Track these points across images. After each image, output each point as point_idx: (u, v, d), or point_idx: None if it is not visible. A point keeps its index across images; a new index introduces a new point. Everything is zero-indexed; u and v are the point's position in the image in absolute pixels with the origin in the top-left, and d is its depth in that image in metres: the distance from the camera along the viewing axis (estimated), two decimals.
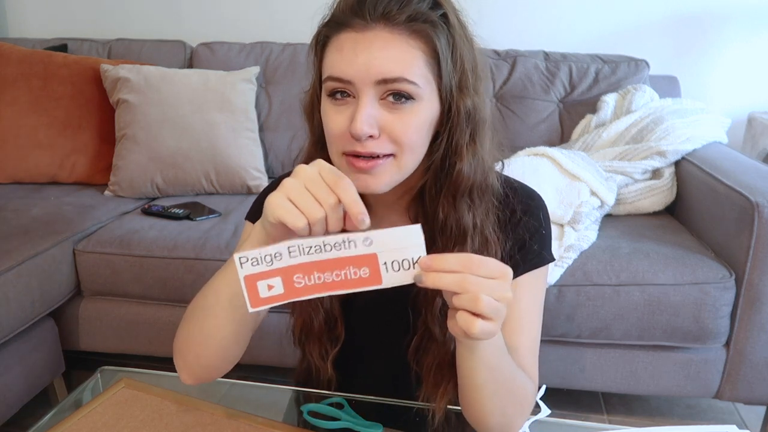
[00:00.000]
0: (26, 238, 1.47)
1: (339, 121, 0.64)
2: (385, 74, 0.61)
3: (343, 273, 0.54)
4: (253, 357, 1.57)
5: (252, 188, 1.85)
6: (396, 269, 0.54)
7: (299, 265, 0.54)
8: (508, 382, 0.67)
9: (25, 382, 1.46)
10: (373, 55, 0.61)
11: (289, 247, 0.53)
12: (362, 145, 0.63)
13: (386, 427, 0.77)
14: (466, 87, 0.66)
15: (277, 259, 0.54)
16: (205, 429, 0.75)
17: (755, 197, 1.30)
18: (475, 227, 0.70)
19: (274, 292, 0.55)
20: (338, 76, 0.63)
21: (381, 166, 0.64)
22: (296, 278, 0.55)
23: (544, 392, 0.70)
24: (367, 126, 0.61)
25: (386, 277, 0.54)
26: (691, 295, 1.34)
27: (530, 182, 0.85)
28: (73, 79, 1.92)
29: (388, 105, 0.63)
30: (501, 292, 0.54)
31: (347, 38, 0.63)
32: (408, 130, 0.64)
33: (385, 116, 0.63)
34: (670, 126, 1.70)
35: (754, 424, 1.56)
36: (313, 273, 0.54)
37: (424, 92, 0.64)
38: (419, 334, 0.74)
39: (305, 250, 0.54)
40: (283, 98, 2.02)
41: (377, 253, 0.54)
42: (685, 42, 2.10)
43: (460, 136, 0.67)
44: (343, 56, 0.63)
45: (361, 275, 0.54)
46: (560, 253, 1.40)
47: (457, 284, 0.53)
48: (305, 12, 0.73)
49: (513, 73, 1.96)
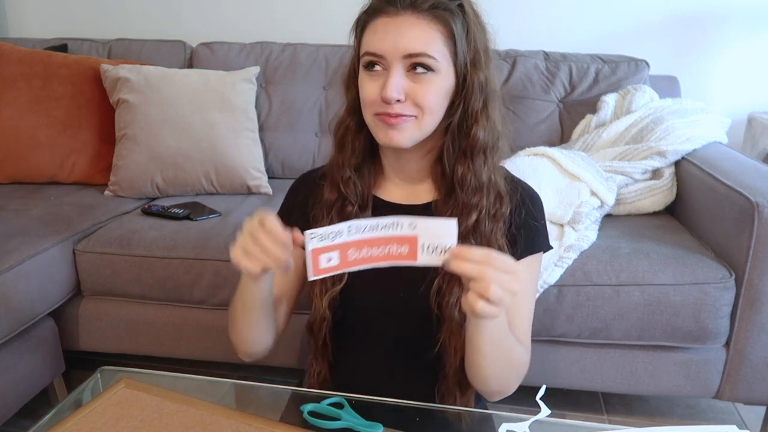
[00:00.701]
0: (26, 238, 1.47)
1: (372, 88, 0.79)
2: (410, 50, 0.76)
3: (387, 249, 0.66)
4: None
5: (252, 188, 1.85)
6: (430, 252, 0.66)
7: (354, 241, 0.66)
8: (506, 353, 0.80)
9: (25, 382, 1.46)
10: (402, 34, 0.76)
11: (349, 227, 0.66)
12: (391, 107, 0.77)
13: (386, 427, 0.77)
14: (479, 63, 0.81)
15: (339, 236, 0.66)
16: (205, 429, 0.75)
17: (755, 197, 1.30)
18: (490, 182, 0.83)
19: (332, 264, 0.67)
20: (373, 51, 0.78)
21: (405, 123, 0.78)
22: (350, 252, 0.66)
23: (544, 392, 0.70)
24: (396, 92, 0.76)
25: (421, 257, 0.66)
26: (691, 295, 1.34)
27: (530, 182, 0.92)
28: (73, 79, 1.92)
29: (413, 75, 0.77)
30: (510, 285, 0.65)
31: (381, 22, 0.78)
32: (428, 95, 0.78)
33: (410, 84, 0.77)
34: (670, 126, 1.70)
35: (754, 424, 1.56)
36: (364, 248, 0.66)
37: (441, 66, 0.78)
38: (441, 277, 0.83)
39: (362, 228, 0.66)
40: (283, 98, 2.02)
41: (418, 235, 0.66)
42: (685, 42, 2.10)
43: (475, 103, 0.80)
44: (377, 36, 0.78)
45: (401, 252, 0.66)
46: (560, 253, 1.40)
47: (477, 272, 0.64)
48: (305, 12, 0.80)
49: (513, 73, 1.96)
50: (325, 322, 0.89)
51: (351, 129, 0.86)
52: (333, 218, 0.87)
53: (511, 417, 0.74)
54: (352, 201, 0.87)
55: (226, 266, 1.48)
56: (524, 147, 1.80)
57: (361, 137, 0.86)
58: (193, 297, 1.52)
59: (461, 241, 0.72)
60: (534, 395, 0.70)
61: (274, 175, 2.00)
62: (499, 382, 0.83)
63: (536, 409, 0.70)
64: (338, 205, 0.87)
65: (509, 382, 0.85)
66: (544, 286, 1.35)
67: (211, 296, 1.52)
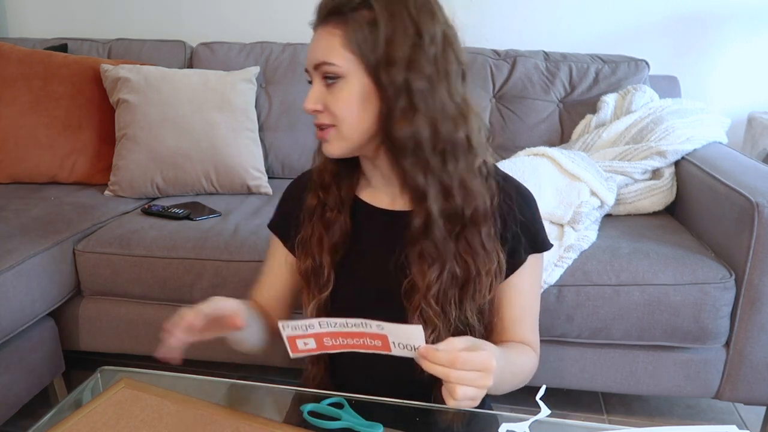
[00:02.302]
0: (26, 238, 1.47)
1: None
2: (315, 60, 0.77)
3: (361, 341, 0.69)
4: (253, 357, 1.57)
5: (252, 188, 1.85)
6: (401, 348, 0.68)
7: (327, 332, 0.69)
8: (511, 376, 0.81)
9: (25, 382, 1.46)
10: (313, 46, 0.78)
11: (320, 323, 0.68)
12: (316, 118, 0.80)
13: (386, 427, 0.77)
14: (395, 60, 0.74)
15: (311, 328, 0.69)
16: (205, 429, 0.75)
17: (755, 197, 1.30)
18: (460, 186, 0.78)
19: (309, 347, 0.71)
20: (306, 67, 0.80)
21: (329, 135, 0.79)
22: (325, 340, 0.70)
23: (544, 392, 0.70)
24: (311, 103, 0.78)
25: (395, 350, 0.69)
26: (691, 295, 1.34)
27: (530, 182, 0.90)
28: (73, 79, 1.92)
29: (327, 85, 0.77)
30: (480, 382, 0.66)
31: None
32: (338, 102, 0.77)
33: (325, 94, 0.78)
34: (670, 126, 1.70)
35: (754, 424, 1.56)
36: (339, 338, 0.70)
37: (347, 70, 0.75)
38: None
39: (332, 324, 0.68)
40: (283, 98, 2.02)
41: (387, 334, 0.68)
42: (685, 42, 2.10)
43: (395, 104, 0.75)
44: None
45: (375, 344, 0.69)
46: (560, 253, 1.40)
47: (444, 375, 0.65)
48: (305, 12, 0.81)
49: (513, 73, 1.96)
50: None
51: None
52: (315, 224, 0.87)
53: (511, 417, 0.74)
54: (331, 207, 0.86)
55: (226, 266, 1.48)
56: (524, 147, 1.80)
57: None
58: (193, 297, 1.52)
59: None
60: (534, 395, 0.70)
61: (274, 175, 2.00)
62: (509, 389, 0.84)
63: (536, 409, 0.70)
64: (319, 211, 0.87)
65: (519, 384, 0.87)
66: (544, 286, 1.35)
67: (210, 296, 1.51)
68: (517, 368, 0.83)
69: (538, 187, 1.56)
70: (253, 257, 1.47)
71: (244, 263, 1.47)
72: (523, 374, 0.85)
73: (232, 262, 1.48)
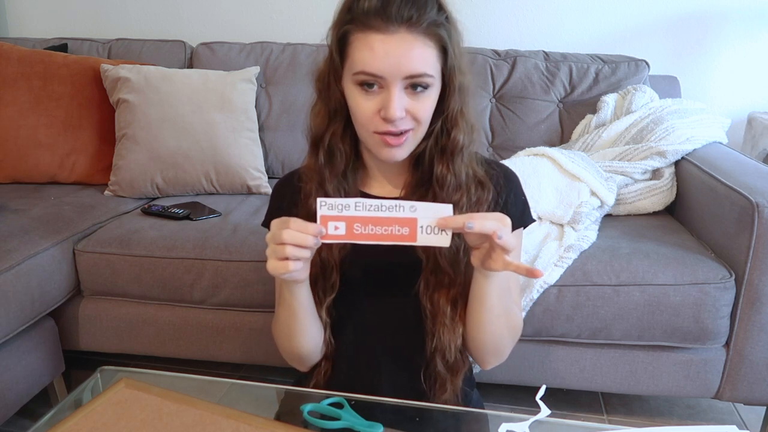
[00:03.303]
0: (26, 238, 1.47)
1: (370, 107, 0.80)
2: (412, 71, 0.77)
3: (390, 229, 0.73)
4: (253, 357, 1.57)
5: (252, 188, 1.85)
6: (428, 233, 0.73)
7: (360, 216, 0.73)
8: (507, 309, 0.88)
9: (25, 382, 1.46)
10: (402, 55, 0.76)
11: (356, 203, 0.72)
12: (394, 124, 0.79)
13: (386, 427, 0.77)
14: (462, 68, 0.83)
15: (346, 210, 0.72)
16: (205, 429, 0.75)
17: (755, 197, 1.30)
18: (468, 177, 0.87)
19: (339, 233, 0.73)
20: (372, 72, 0.77)
21: (405, 139, 0.82)
22: (356, 226, 0.73)
23: (544, 392, 0.70)
24: (400, 111, 0.78)
25: (420, 238, 0.73)
26: (691, 295, 1.34)
27: (530, 182, 0.93)
28: (73, 79, 1.92)
29: (411, 93, 0.79)
30: (499, 222, 0.74)
31: (376, 39, 0.76)
32: (425, 109, 0.81)
33: (408, 101, 0.79)
34: (670, 126, 1.70)
35: (754, 424, 1.56)
36: (369, 225, 0.73)
37: (436, 80, 0.80)
38: (427, 270, 0.88)
39: (367, 207, 0.72)
40: (283, 98, 2.02)
41: (417, 218, 0.73)
42: (685, 42, 2.10)
43: (454, 106, 0.84)
44: (374, 55, 0.76)
45: (402, 233, 0.73)
46: (560, 253, 1.40)
47: (460, 223, 0.72)
48: (305, 12, 0.80)
49: (513, 73, 1.96)
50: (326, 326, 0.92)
51: (338, 134, 0.87)
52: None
53: (511, 417, 0.74)
54: None
55: (226, 266, 1.48)
56: (524, 147, 1.80)
57: (347, 140, 0.88)
58: (193, 297, 1.52)
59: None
60: (534, 395, 0.70)
61: (274, 175, 2.00)
62: (498, 342, 0.89)
63: (536, 409, 0.70)
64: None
65: (506, 343, 0.91)
66: (544, 286, 1.35)
67: (211, 296, 1.52)
68: (512, 310, 0.89)
69: (538, 187, 1.56)
70: (253, 257, 1.47)
71: (244, 263, 1.47)
72: (514, 321, 0.91)
73: (232, 262, 1.48)
